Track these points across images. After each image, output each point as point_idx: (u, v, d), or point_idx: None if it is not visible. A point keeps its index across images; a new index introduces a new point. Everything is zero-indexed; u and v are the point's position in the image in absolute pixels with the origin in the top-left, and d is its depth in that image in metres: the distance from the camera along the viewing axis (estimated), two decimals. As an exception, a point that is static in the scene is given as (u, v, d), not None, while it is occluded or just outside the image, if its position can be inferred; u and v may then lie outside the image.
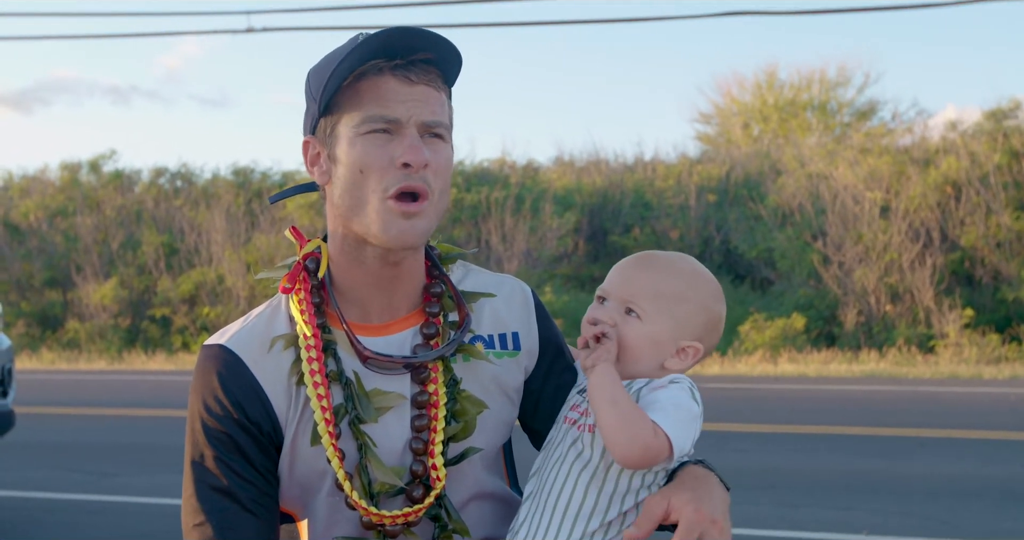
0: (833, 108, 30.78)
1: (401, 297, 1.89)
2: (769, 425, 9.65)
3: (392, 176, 1.76)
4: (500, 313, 1.96)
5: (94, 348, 19.79)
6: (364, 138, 1.78)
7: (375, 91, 1.78)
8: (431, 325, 1.88)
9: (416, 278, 1.90)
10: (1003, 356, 15.61)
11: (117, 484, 7.51)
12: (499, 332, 1.95)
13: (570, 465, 1.79)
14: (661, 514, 1.74)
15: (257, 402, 1.82)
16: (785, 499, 6.70)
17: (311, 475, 1.85)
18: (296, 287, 1.86)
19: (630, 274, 1.87)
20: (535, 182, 21.00)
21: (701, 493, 1.76)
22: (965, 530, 5.91)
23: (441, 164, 1.81)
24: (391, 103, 1.77)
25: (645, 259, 1.90)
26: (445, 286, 1.92)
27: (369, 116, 1.77)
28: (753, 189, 20.22)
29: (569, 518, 1.77)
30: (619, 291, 1.85)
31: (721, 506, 1.78)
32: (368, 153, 1.77)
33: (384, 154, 1.77)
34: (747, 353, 16.28)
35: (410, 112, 1.78)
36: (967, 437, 8.88)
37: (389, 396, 1.84)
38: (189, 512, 1.83)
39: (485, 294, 1.95)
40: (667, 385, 1.79)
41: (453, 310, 1.92)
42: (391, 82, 1.78)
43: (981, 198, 17.22)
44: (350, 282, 1.87)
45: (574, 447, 1.80)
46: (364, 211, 1.78)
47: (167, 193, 22.62)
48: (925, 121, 26.33)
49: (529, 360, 1.97)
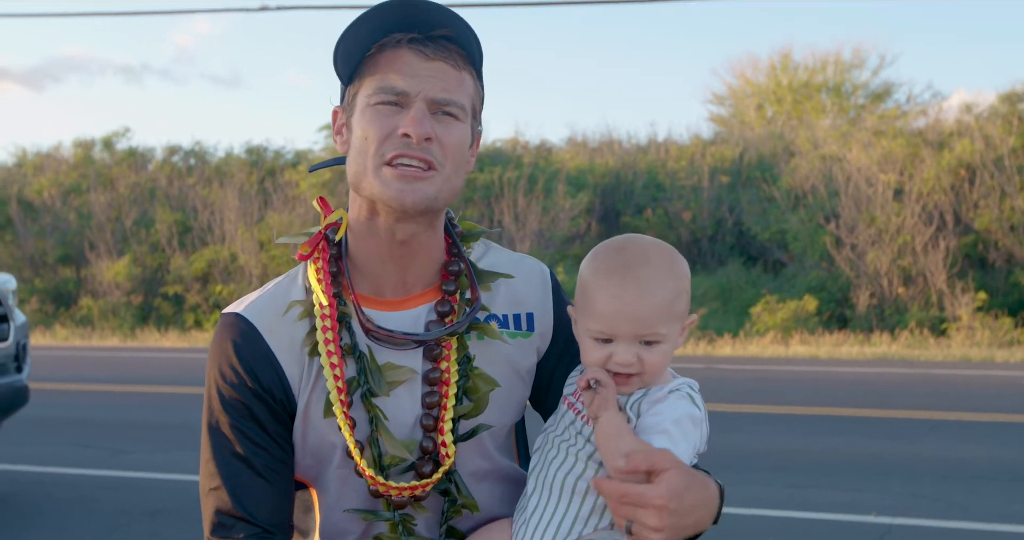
0: (847, 90, 30.66)
1: (416, 274, 1.89)
2: (780, 406, 9.65)
3: (390, 144, 1.78)
4: (517, 293, 1.96)
5: (107, 325, 19.87)
6: (374, 108, 1.79)
7: (391, 63, 1.79)
8: (446, 303, 1.89)
9: (431, 256, 1.90)
10: (1015, 339, 15.58)
11: (130, 460, 7.55)
12: (514, 312, 1.95)
13: (578, 450, 1.79)
14: (646, 467, 1.65)
15: (270, 370, 1.84)
16: (795, 480, 6.71)
17: (323, 446, 1.87)
18: (315, 255, 1.88)
19: (629, 305, 1.71)
20: (548, 162, 20.98)
21: (692, 487, 1.69)
22: (975, 513, 5.91)
23: (450, 142, 1.80)
24: (403, 76, 1.78)
25: (628, 277, 1.73)
26: (463, 265, 1.93)
27: (380, 87, 1.79)
28: (766, 171, 20.17)
29: (578, 497, 1.78)
30: (629, 331, 1.72)
31: (690, 513, 1.68)
32: (373, 122, 1.79)
33: (388, 124, 1.78)
34: (759, 335, 16.28)
35: (420, 86, 1.79)
36: (978, 420, 8.87)
37: (401, 370, 1.85)
38: (206, 476, 1.86)
39: (503, 275, 1.96)
40: (666, 396, 1.75)
41: (469, 289, 1.93)
42: (407, 55, 1.80)
43: (995, 181, 17.15)
44: (364, 254, 1.88)
45: (581, 435, 1.79)
46: (366, 177, 1.80)
47: (180, 171, 22.66)
48: (939, 104, 26.21)
49: (543, 341, 1.98)
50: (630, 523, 1.67)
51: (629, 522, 1.67)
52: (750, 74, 31.74)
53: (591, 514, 1.78)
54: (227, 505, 1.83)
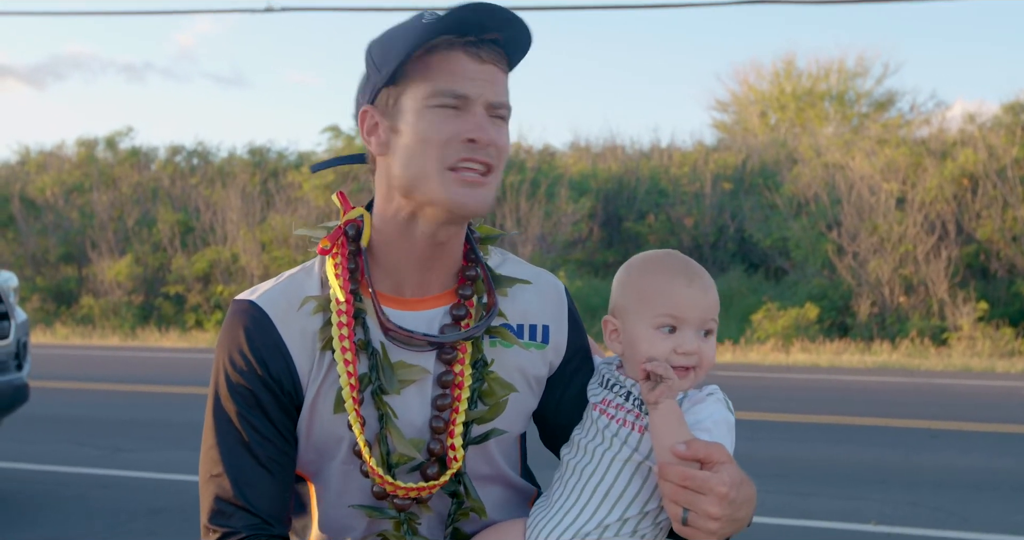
0: (851, 98, 30.69)
1: (436, 275, 1.89)
2: (780, 414, 9.65)
3: (454, 149, 1.77)
4: (532, 304, 1.96)
5: (108, 324, 19.88)
6: (432, 111, 1.77)
7: (446, 66, 1.77)
8: (461, 307, 1.89)
9: (455, 258, 1.90)
10: (1016, 350, 15.58)
11: (129, 459, 7.55)
12: (529, 323, 1.95)
13: (614, 455, 1.81)
14: (703, 455, 1.70)
15: (280, 359, 1.83)
16: (795, 488, 6.71)
17: (328, 441, 1.86)
18: (334, 250, 1.87)
19: (699, 293, 1.84)
20: (551, 167, 20.99)
21: (744, 482, 1.75)
22: (975, 522, 5.90)
23: (504, 145, 1.82)
24: (462, 79, 1.77)
25: (691, 272, 1.87)
26: (480, 270, 1.92)
27: (439, 90, 1.77)
28: (769, 178, 20.18)
29: (609, 501, 1.79)
30: (698, 316, 1.84)
31: (742, 507, 1.74)
32: (434, 125, 1.77)
33: (450, 128, 1.77)
34: (760, 342, 16.27)
35: (480, 90, 1.78)
36: (979, 430, 8.87)
37: (413, 369, 1.85)
38: (208, 462, 1.85)
39: (520, 280, 1.95)
40: (705, 399, 1.82)
41: (485, 294, 1.92)
42: (462, 58, 1.78)
43: (998, 191, 17.16)
44: (391, 255, 1.87)
45: (617, 438, 1.81)
46: (426, 182, 1.78)
47: (183, 171, 22.67)
48: (943, 113, 26.21)
49: (555, 356, 1.97)
50: (686, 513, 1.68)
51: (686, 512, 1.68)
52: (754, 81, 31.81)
53: (618, 520, 1.79)
54: (228, 493, 1.81)
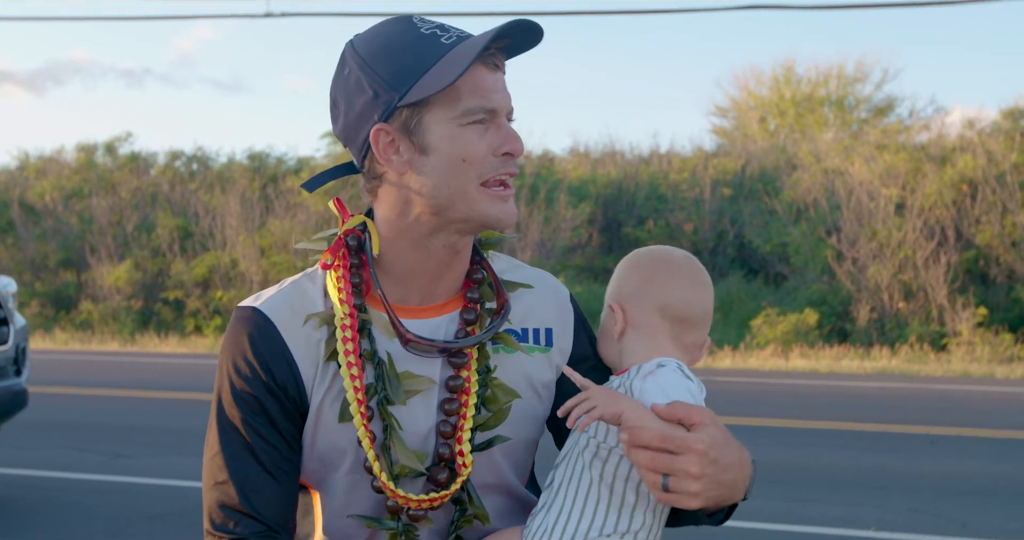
0: (850, 104, 30.70)
1: (445, 283, 1.88)
2: (779, 420, 9.65)
3: (489, 164, 1.77)
4: (535, 308, 1.95)
5: (107, 330, 19.86)
6: (467, 128, 1.76)
7: (471, 82, 1.75)
8: (471, 311, 1.87)
9: (465, 265, 1.90)
10: (1016, 356, 15.57)
11: (129, 465, 7.55)
12: (532, 326, 1.94)
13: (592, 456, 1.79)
14: (683, 415, 1.65)
15: (285, 366, 1.82)
16: (794, 494, 6.70)
17: (332, 451, 1.85)
18: (335, 263, 1.86)
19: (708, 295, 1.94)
20: (550, 172, 20.99)
21: (730, 444, 1.69)
22: (974, 528, 5.90)
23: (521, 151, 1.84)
24: (488, 93, 1.76)
25: (699, 274, 1.93)
26: (486, 273, 1.92)
27: (472, 108, 1.75)
28: (768, 183, 20.18)
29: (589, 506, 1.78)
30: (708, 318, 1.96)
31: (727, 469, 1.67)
32: (471, 142, 1.75)
33: (484, 143, 1.76)
34: (759, 348, 16.27)
35: (502, 101, 1.78)
36: (978, 436, 8.87)
37: (419, 379, 1.84)
38: (213, 469, 1.83)
39: (523, 284, 1.94)
40: (655, 370, 1.78)
41: (491, 298, 1.91)
42: (482, 70, 1.76)
43: (997, 197, 17.16)
44: (401, 265, 1.85)
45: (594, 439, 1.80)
46: (464, 201, 1.77)
47: (183, 176, 22.66)
48: (942, 119, 26.25)
49: (561, 359, 1.95)
50: (666, 479, 1.62)
51: (665, 478, 1.62)
52: (753, 86, 31.80)
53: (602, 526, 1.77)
54: (233, 500, 1.80)
